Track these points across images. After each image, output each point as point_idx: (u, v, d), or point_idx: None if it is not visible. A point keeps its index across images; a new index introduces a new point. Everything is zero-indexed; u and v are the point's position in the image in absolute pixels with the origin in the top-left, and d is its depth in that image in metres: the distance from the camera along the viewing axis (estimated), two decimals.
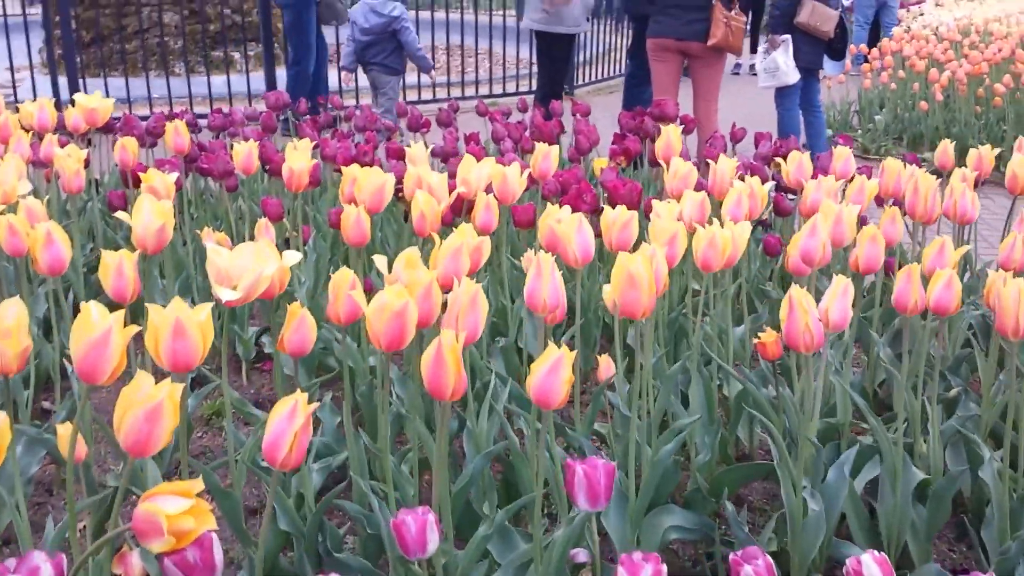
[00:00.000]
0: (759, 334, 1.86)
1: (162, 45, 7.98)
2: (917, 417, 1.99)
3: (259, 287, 1.64)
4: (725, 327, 2.22)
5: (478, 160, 2.47)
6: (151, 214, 1.95)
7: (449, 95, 8.02)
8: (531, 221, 2.81)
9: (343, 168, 2.43)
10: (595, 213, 2.70)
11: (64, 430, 1.62)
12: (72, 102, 3.26)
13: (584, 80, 9.29)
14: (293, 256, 1.78)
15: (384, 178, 2.28)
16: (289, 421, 1.25)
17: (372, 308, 1.46)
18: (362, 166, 3.29)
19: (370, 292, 2.81)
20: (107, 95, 6.94)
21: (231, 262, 1.63)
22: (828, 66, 5.71)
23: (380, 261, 1.83)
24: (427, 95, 8.08)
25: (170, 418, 1.19)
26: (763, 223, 3.19)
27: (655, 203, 2.14)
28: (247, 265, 1.64)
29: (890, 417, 2.11)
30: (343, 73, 6.07)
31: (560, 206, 3.03)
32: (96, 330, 1.29)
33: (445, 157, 3.53)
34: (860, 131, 6.70)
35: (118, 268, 1.77)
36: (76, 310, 1.64)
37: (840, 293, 1.69)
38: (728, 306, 2.20)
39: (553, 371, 1.36)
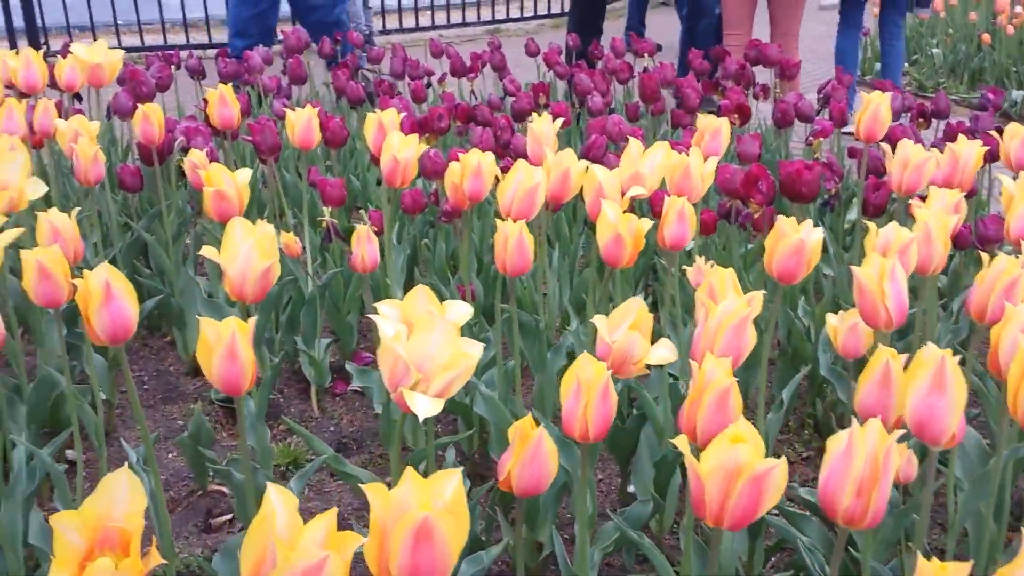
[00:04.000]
0: None
1: None
2: None
3: (455, 386, 1.09)
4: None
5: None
6: (252, 250, 1.34)
7: (434, 21, 7.20)
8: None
9: (460, 154, 1.81)
10: (767, 206, 2.14)
11: None
12: (63, 52, 2.57)
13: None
14: (463, 312, 1.22)
15: (537, 178, 1.66)
16: None
17: (710, 469, 0.89)
18: (435, 133, 2.68)
19: (474, 300, 2.24)
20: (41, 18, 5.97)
21: (415, 350, 1.07)
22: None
23: (600, 323, 1.27)
24: (409, 21, 7.22)
25: None
26: (829, 203, 2.51)
27: (916, 210, 1.57)
28: (436, 353, 1.09)
29: None
30: None
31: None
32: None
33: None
34: (907, 64, 6.13)
35: (230, 349, 1.16)
36: None
37: None
38: None
39: None
